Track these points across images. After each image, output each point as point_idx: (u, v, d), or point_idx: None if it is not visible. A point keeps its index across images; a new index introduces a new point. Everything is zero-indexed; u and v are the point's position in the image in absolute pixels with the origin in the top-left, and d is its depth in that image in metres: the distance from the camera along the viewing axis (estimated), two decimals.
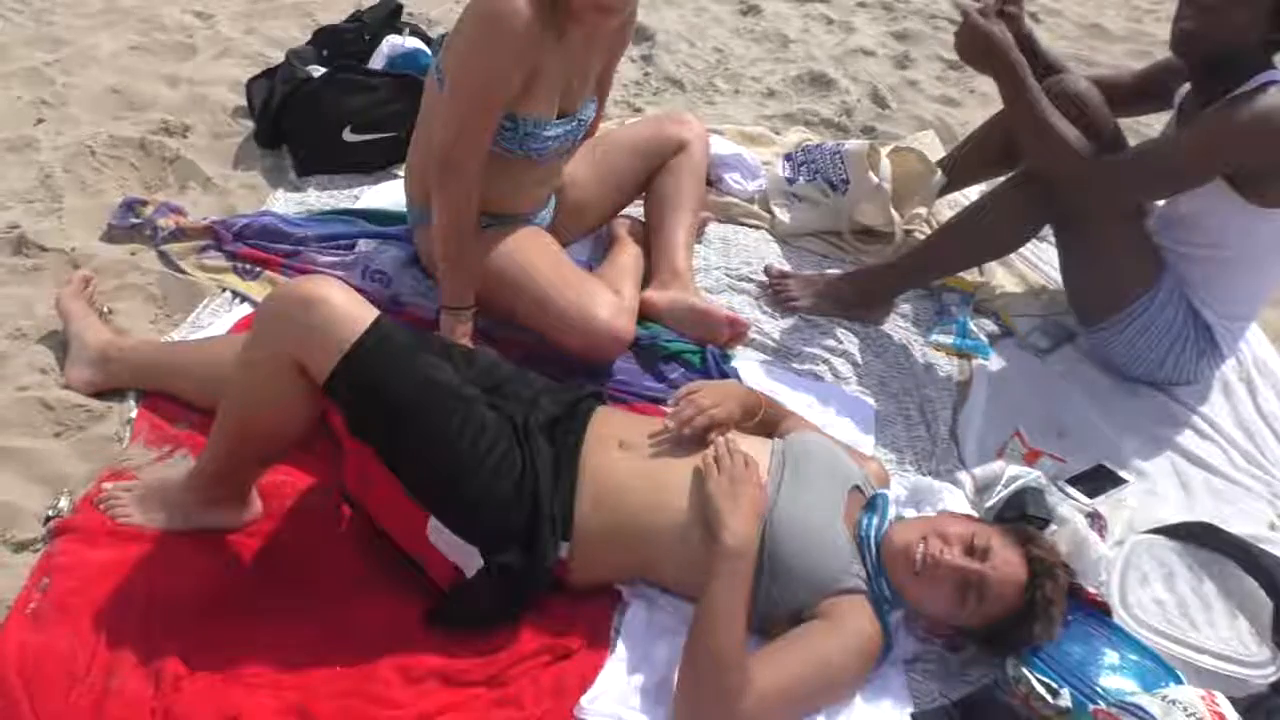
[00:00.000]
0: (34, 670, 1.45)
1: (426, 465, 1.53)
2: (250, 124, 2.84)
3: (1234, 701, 1.58)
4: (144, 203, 2.42)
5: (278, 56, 3.13)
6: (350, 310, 1.49)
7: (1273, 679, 1.69)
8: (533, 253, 2.11)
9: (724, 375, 2.14)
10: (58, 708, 1.42)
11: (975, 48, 2.15)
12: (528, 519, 1.57)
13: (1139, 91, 2.48)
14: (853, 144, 2.66)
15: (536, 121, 1.98)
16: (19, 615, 1.53)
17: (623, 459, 1.66)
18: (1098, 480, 2.13)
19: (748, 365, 2.23)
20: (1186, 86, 2.30)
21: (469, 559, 1.56)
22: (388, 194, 2.60)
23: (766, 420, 1.88)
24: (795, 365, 2.28)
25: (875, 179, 2.57)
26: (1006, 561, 1.61)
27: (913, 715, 1.63)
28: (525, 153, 2.02)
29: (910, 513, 1.87)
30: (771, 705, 1.50)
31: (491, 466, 1.54)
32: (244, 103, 2.89)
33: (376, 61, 2.83)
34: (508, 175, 2.05)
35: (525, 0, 1.82)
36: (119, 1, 3.41)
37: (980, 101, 3.65)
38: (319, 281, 1.52)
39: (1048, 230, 2.42)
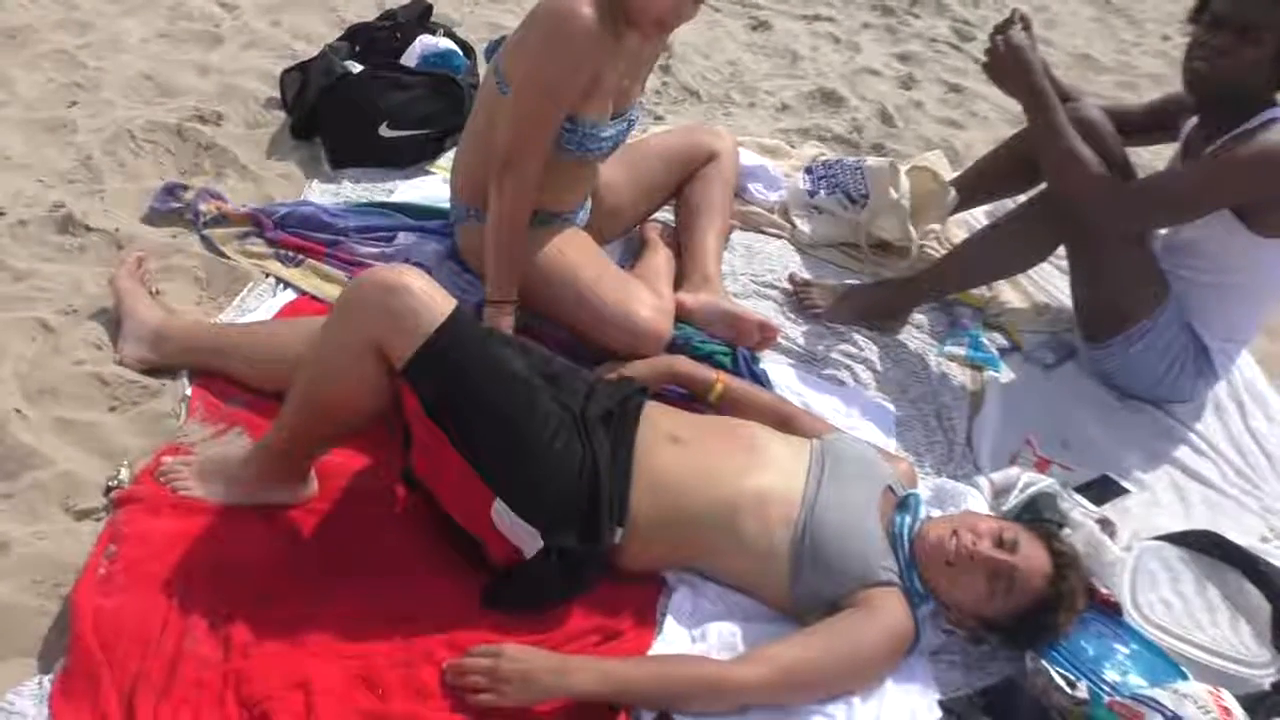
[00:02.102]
0: (110, 633, 1.50)
1: (497, 448, 1.60)
2: (282, 114, 2.89)
3: (1237, 699, 1.69)
4: (185, 187, 2.47)
5: (304, 49, 3.20)
6: (431, 298, 1.56)
7: (1273, 679, 1.80)
8: (576, 252, 2.19)
9: (754, 376, 2.23)
10: (134, 669, 1.47)
11: (1005, 68, 2.26)
12: (587, 504, 1.64)
13: (1148, 123, 2.60)
14: (874, 161, 2.77)
15: (594, 123, 2.06)
16: (90, 580, 1.58)
17: (675, 451, 1.74)
18: (1103, 489, 2.24)
19: (776, 369, 2.32)
20: (1194, 120, 2.42)
21: (529, 540, 1.63)
22: (422, 189, 2.67)
23: (783, 419, 1.98)
24: (819, 370, 2.37)
25: (895, 195, 2.67)
26: (1034, 554, 1.72)
27: (940, 703, 1.72)
28: (582, 153, 2.10)
29: (936, 513, 1.96)
30: (801, 679, 1.60)
31: (558, 452, 1.62)
32: (275, 94, 2.94)
33: (409, 60, 2.88)
34: (558, 173, 2.12)
35: (590, 7, 1.90)
36: None
37: (981, 124, 3.79)
38: (401, 269, 1.60)
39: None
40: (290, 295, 2.26)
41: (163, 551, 1.64)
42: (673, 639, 1.69)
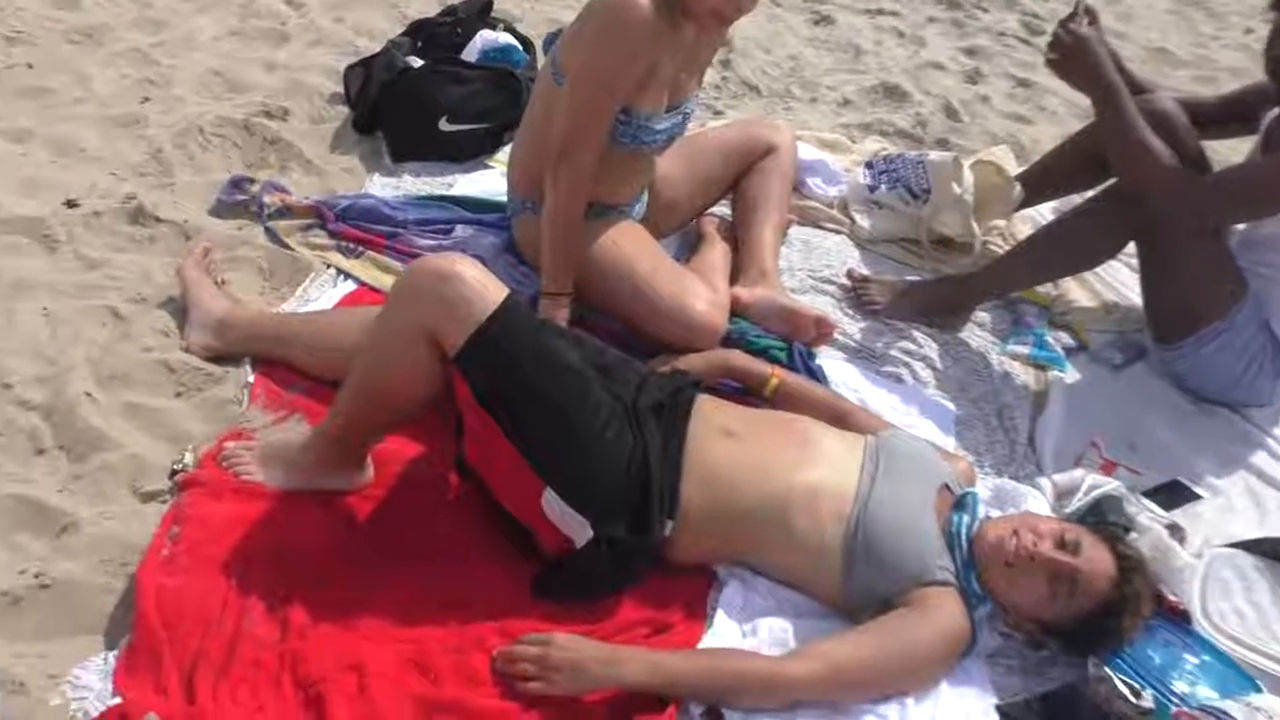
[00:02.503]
0: (172, 612, 1.53)
1: (548, 437, 1.60)
2: (345, 109, 2.93)
3: None
4: (251, 180, 2.52)
5: (367, 45, 3.24)
6: (484, 286, 1.57)
7: None
8: (632, 245, 2.19)
9: (811, 372, 2.20)
10: (195, 647, 1.50)
11: (1071, 62, 2.21)
12: (638, 495, 1.64)
13: (1224, 114, 2.51)
14: (936, 155, 2.72)
15: (649, 115, 2.06)
16: (154, 560, 1.61)
17: (727, 445, 1.73)
18: (1173, 494, 2.17)
19: (833, 365, 2.29)
20: (1275, 110, 2.34)
21: (580, 530, 1.63)
22: (480, 183, 2.69)
23: (839, 415, 1.95)
24: (877, 367, 2.34)
25: (958, 190, 2.62)
26: (1097, 556, 1.67)
27: (996, 707, 1.67)
28: (636, 145, 2.10)
29: (995, 513, 1.91)
30: (852, 677, 1.58)
31: (609, 442, 1.62)
32: (338, 89, 2.99)
33: (469, 55, 2.92)
34: (613, 166, 2.12)
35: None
36: None
37: (1050, 119, 3.70)
38: (455, 258, 1.61)
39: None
40: (350, 286, 2.30)
41: (223, 534, 1.67)
42: (723, 633, 1.67)
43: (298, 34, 3.35)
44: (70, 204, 2.40)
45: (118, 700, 1.43)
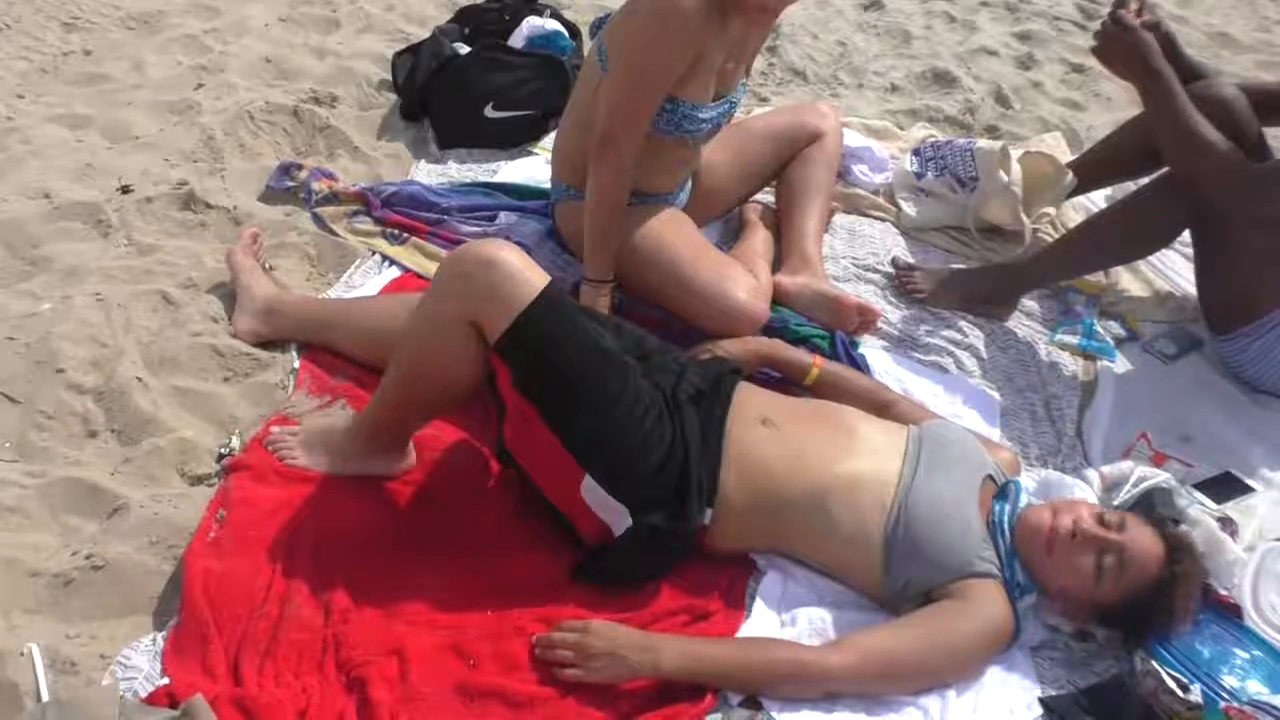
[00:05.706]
0: (218, 594, 1.56)
1: (588, 425, 1.60)
2: (393, 96, 2.95)
3: None
4: (299, 167, 2.55)
5: (417, 32, 3.27)
6: (525, 273, 1.57)
7: None
8: (674, 233, 2.18)
9: (853, 361, 2.18)
10: (241, 630, 1.53)
11: (1117, 51, 2.16)
12: (677, 483, 1.63)
13: None
14: (985, 143, 2.68)
15: (694, 104, 2.04)
16: (201, 543, 1.64)
17: (766, 434, 1.72)
18: (1225, 487, 2.12)
19: (875, 354, 2.27)
20: None
21: (619, 518, 1.63)
22: (524, 170, 2.70)
23: (881, 405, 1.93)
24: (920, 356, 2.31)
25: (1005, 179, 2.58)
26: (1141, 536, 1.66)
27: (1041, 699, 1.66)
28: (680, 134, 2.08)
29: (1037, 503, 1.88)
30: (890, 669, 1.57)
31: (647, 431, 1.61)
32: (386, 76, 3.02)
33: (516, 41, 2.92)
34: (657, 155, 2.11)
35: None
36: None
37: (1104, 105, 3.62)
38: (497, 244, 1.61)
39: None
40: (395, 272, 2.32)
41: (268, 518, 1.70)
42: (762, 623, 1.67)
43: (348, 21, 3.39)
44: (124, 190, 2.45)
45: (166, 681, 1.46)
